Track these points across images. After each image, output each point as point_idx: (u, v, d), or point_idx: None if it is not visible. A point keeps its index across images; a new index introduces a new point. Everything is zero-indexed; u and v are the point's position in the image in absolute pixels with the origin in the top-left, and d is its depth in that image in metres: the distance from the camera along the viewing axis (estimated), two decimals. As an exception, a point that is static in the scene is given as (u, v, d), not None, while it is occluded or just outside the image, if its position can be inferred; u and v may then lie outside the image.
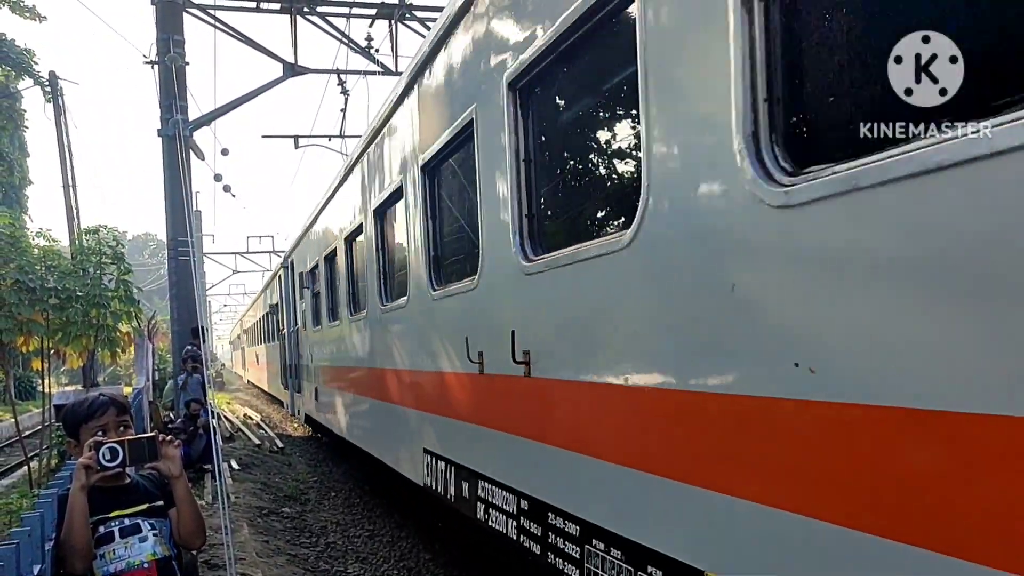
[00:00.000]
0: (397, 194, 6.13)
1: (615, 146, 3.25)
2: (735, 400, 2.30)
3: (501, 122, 3.79)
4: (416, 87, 5.49)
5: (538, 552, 3.65)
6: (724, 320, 2.32)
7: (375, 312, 7.04)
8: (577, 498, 3.33)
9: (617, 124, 3.20)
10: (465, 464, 4.79)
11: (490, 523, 4.30)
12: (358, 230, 7.81)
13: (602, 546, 3.09)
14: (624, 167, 3.10)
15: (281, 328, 16.08)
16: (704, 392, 2.45)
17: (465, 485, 4.78)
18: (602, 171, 3.39)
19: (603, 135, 3.38)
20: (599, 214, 3.33)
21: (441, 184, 5.33)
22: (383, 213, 6.84)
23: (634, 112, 2.76)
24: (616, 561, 2.98)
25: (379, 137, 6.73)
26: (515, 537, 3.94)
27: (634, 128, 2.85)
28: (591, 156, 3.48)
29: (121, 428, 2.77)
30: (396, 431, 6.58)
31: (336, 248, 9.09)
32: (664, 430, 2.70)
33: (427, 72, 5.21)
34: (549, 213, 3.75)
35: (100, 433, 2.68)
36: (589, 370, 3.16)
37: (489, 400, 4.35)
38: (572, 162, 3.59)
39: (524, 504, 3.85)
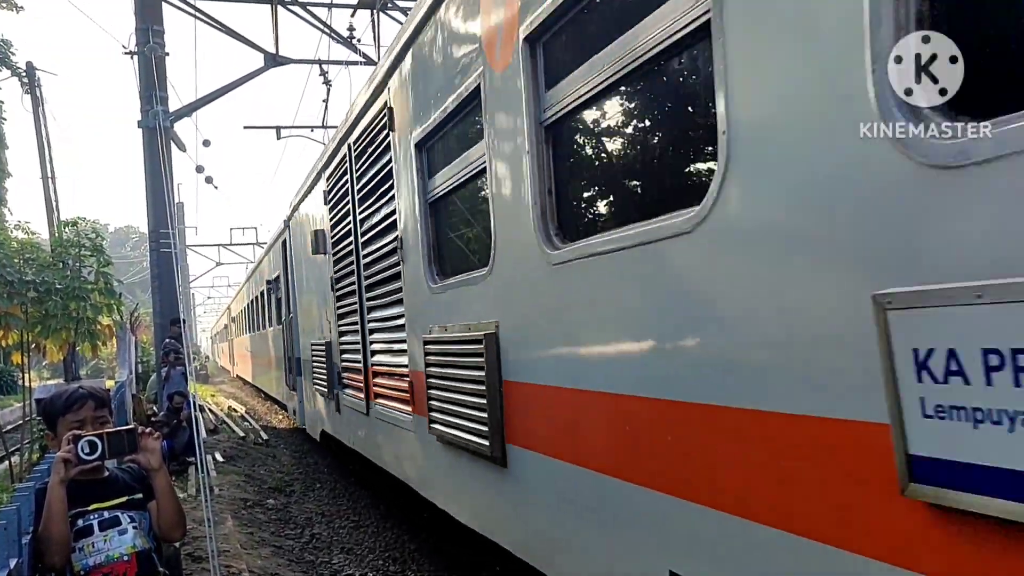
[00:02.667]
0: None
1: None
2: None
3: None
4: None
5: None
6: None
7: (249, 334, 21.25)
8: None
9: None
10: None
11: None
12: (244, 310, 22.47)
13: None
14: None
15: (228, 337, 33.82)
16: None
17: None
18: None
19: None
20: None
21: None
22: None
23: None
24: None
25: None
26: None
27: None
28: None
29: (99, 423, 2.74)
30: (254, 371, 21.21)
31: (237, 314, 26.59)
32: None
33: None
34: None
35: (77, 428, 2.65)
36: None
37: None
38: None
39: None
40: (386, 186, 5.31)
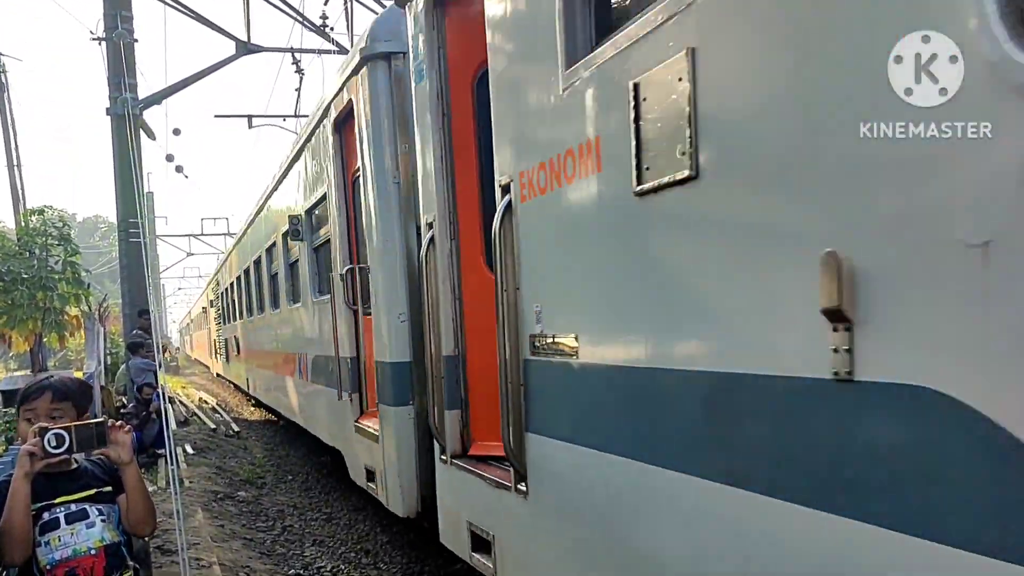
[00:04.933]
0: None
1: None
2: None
3: None
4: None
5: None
6: None
7: (199, 331, 39.09)
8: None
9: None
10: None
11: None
12: (196, 317, 40.70)
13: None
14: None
15: (191, 332, 47.62)
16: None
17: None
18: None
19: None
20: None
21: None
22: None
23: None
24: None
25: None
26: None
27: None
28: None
29: (54, 415, 2.64)
30: (201, 353, 37.88)
31: (198, 315, 38.02)
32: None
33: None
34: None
35: (30, 418, 2.60)
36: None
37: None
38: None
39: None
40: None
